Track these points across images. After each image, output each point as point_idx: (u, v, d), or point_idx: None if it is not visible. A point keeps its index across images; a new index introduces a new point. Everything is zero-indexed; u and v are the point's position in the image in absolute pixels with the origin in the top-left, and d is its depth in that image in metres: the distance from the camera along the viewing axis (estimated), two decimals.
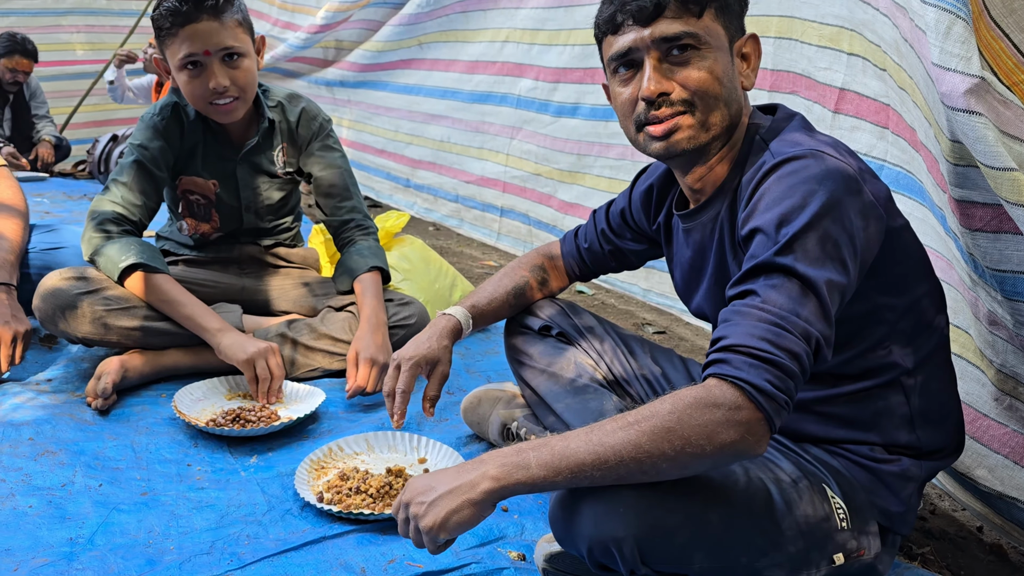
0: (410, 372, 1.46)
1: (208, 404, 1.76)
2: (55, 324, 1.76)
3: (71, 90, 6.04)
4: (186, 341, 1.86)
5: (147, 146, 1.92)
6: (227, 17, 1.80)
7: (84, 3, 6.19)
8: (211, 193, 2.03)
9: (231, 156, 2.02)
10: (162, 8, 1.78)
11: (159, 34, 1.82)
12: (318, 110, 2.11)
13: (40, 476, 1.45)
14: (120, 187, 1.89)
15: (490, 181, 3.72)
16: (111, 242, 1.84)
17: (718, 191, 1.25)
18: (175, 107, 1.95)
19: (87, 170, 5.19)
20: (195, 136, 1.98)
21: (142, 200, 1.91)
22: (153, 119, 1.94)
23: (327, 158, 2.08)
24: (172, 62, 1.83)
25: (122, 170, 1.91)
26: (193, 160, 2.00)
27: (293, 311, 2.11)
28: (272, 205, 2.12)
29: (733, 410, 0.95)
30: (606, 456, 0.97)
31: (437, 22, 3.88)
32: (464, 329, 1.54)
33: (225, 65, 1.82)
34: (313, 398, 1.80)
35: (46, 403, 1.73)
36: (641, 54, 1.18)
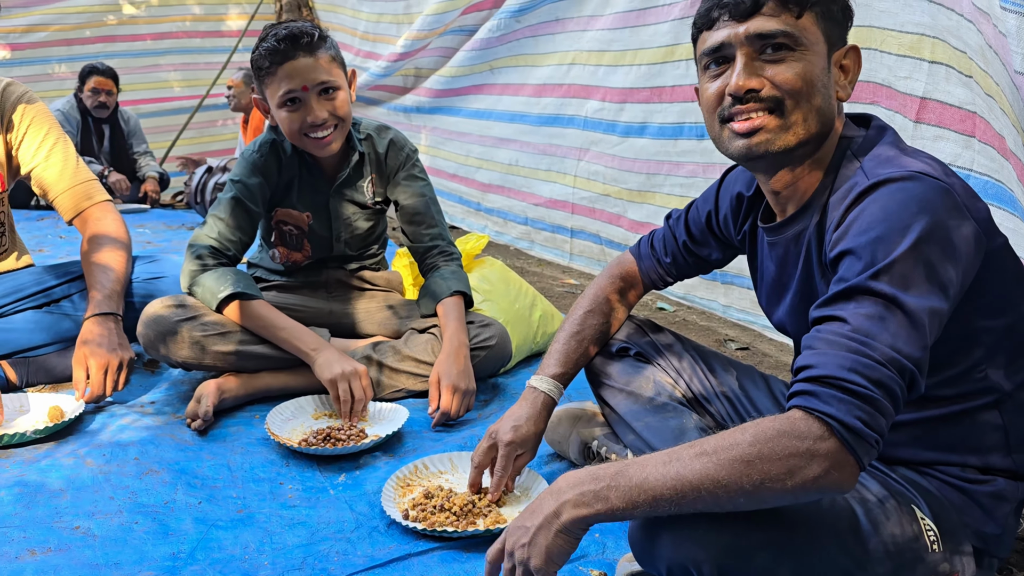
0: (508, 457, 1.45)
1: (297, 424, 1.82)
2: (157, 349, 1.86)
3: (169, 125, 6.39)
4: (277, 364, 1.94)
5: (245, 182, 2.01)
6: (321, 53, 1.88)
7: (180, 44, 6.55)
8: (304, 224, 2.12)
9: (324, 189, 2.11)
10: (261, 50, 1.88)
11: (258, 74, 1.92)
12: (405, 141, 2.18)
13: (145, 494, 1.53)
14: (217, 222, 1.99)
15: (559, 203, 3.76)
16: (207, 273, 1.93)
17: (805, 206, 1.21)
18: (273, 143, 2.04)
19: (184, 200, 5.50)
20: (291, 170, 2.07)
21: (237, 235, 1.99)
22: (252, 156, 2.03)
23: (413, 186, 2.14)
24: (272, 100, 1.92)
25: (220, 205, 2.00)
26: (289, 193, 2.09)
27: (378, 333, 2.17)
28: (361, 234, 2.21)
29: (818, 445, 0.91)
30: (683, 489, 0.95)
31: (507, 47, 3.95)
32: (556, 402, 1.53)
33: (322, 99, 1.90)
34: (398, 417, 1.85)
35: (150, 424, 1.82)
36: (733, 50, 1.14)
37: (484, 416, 1.97)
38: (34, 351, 1.97)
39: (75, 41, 6.28)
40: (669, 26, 2.94)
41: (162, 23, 6.50)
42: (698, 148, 2.89)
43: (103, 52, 6.26)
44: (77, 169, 2.08)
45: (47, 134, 2.03)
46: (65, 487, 1.53)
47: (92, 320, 1.89)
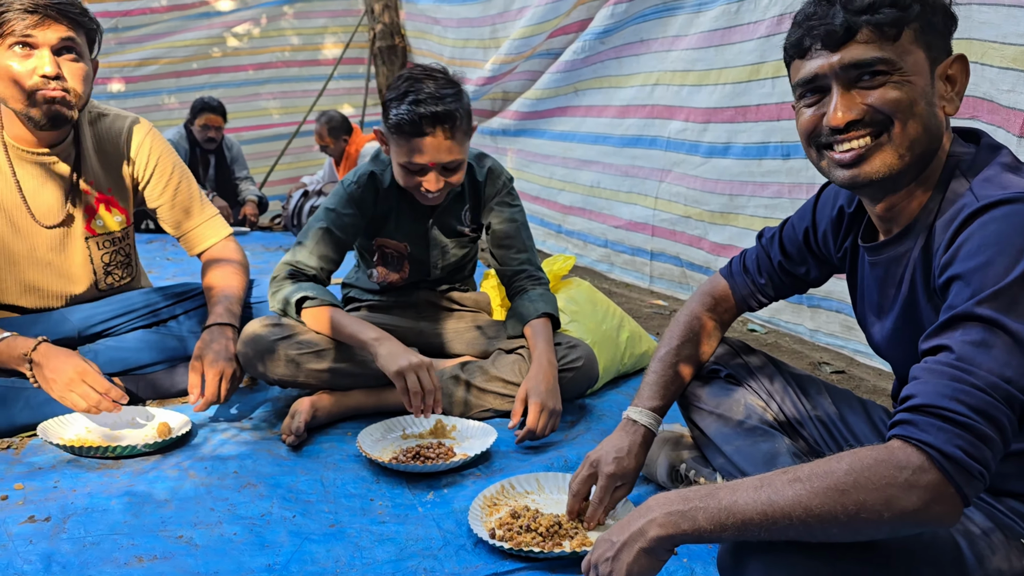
0: (608, 488, 1.44)
1: (387, 443, 1.87)
2: (255, 367, 1.93)
3: (268, 151, 6.70)
4: (368, 382, 1.99)
5: (339, 212, 2.06)
6: (458, 135, 1.92)
7: (279, 73, 6.86)
8: (404, 251, 2.18)
9: (423, 219, 2.16)
10: (403, 110, 1.87)
11: (390, 121, 1.91)
12: (502, 169, 2.22)
13: (243, 506, 1.59)
14: (302, 250, 2.04)
15: (639, 225, 3.74)
16: (285, 290, 1.99)
17: (911, 226, 1.16)
18: (372, 176, 2.08)
19: (282, 223, 5.75)
20: (388, 203, 2.12)
21: (320, 264, 2.04)
22: (350, 187, 2.07)
23: (505, 212, 2.18)
24: (396, 156, 1.94)
25: (308, 232, 2.06)
26: (386, 224, 2.14)
27: (466, 353, 2.20)
28: (456, 261, 2.27)
29: (917, 476, 0.88)
30: (774, 516, 0.93)
31: (592, 68, 3.98)
32: (655, 435, 1.51)
33: (443, 173, 1.95)
34: (486, 436, 1.87)
35: (248, 439, 1.89)
36: (828, 80, 1.11)
37: (571, 437, 1.98)
38: (143, 369, 2.08)
39: (183, 73, 6.64)
40: (755, 44, 2.91)
41: (262, 54, 6.81)
42: (783, 168, 2.84)
43: (208, 83, 6.60)
44: (202, 208, 2.19)
45: (172, 172, 2.14)
46: (170, 498, 1.60)
47: (210, 329, 2.00)
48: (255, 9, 6.82)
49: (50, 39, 1.78)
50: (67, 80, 1.81)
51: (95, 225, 2.06)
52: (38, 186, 1.98)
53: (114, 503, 1.57)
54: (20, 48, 1.77)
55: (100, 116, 2.08)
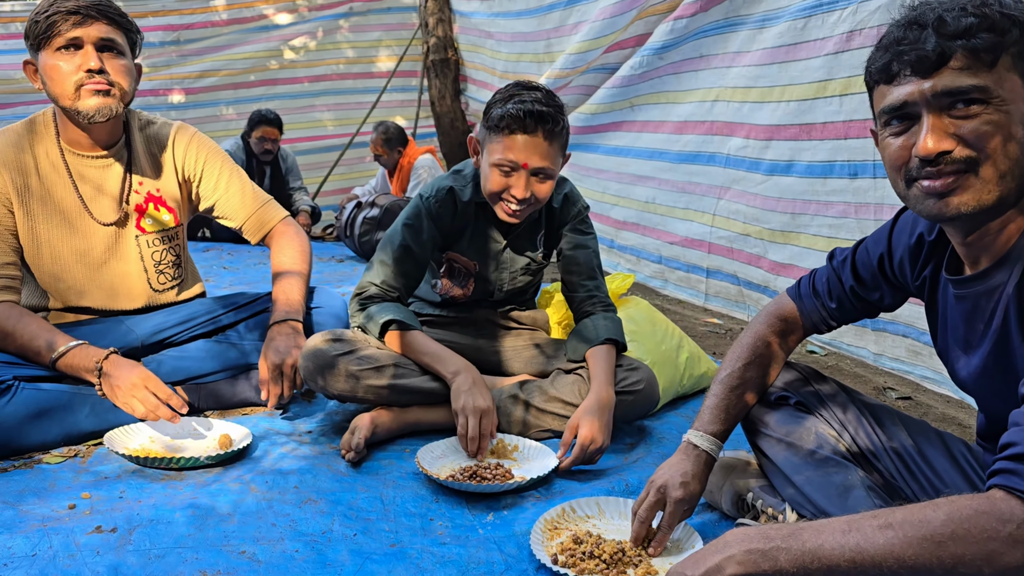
0: (676, 514, 1.42)
1: (447, 461, 1.85)
2: (316, 381, 1.94)
3: (322, 162, 6.82)
4: (427, 399, 1.98)
5: (416, 227, 2.05)
6: (556, 142, 1.91)
7: (334, 85, 6.99)
8: (472, 269, 2.17)
9: (498, 240, 2.15)
10: (505, 109, 1.88)
11: (488, 123, 1.93)
12: (579, 196, 2.21)
13: (304, 523, 1.58)
14: (383, 268, 2.05)
15: (695, 242, 3.69)
16: (372, 308, 2.02)
17: (1003, 259, 1.11)
18: (450, 191, 2.07)
19: (334, 233, 5.83)
20: (465, 219, 2.11)
21: (401, 281, 2.06)
22: (428, 201, 2.06)
23: (578, 238, 2.16)
24: (489, 155, 1.93)
25: (387, 249, 2.06)
26: (460, 240, 2.14)
27: (524, 372, 2.18)
28: (522, 287, 2.26)
29: (1022, 530, 0.84)
30: (863, 564, 0.89)
31: (649, 84, 3.95)
32: (716, 460, 1.49)
33: (533, 180, 1.93)
34: (546, 459, 1.85)
35: (307, 454, 1.89)
36: (918, 108, 1.06)
37: (630, 461, 1.94)
38: (204, 378, 2.10)
39: (241, 85, 6.79)
40: (822, 61, 2.85)
41: (318, 66, 6.93)
42: (849, 188, 2.78)
43: (265, 95, 6.74)
44: (255, 195, 2.26)
45: (221, 168, 2.19)
46: (232, 511, 1.60)
47: (273, 327, 2.07)
48: (312, 23, 6.94)
49: (93, 37, 1.88)
50: (110, 74, 1.90)
51: (145, 224, 2.12)
52: (94, 188, 2.05)
53: (178, 515, 1.57)
54: (66, 49, 1.87)
55: (148, 123, 2.17)
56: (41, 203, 1.98)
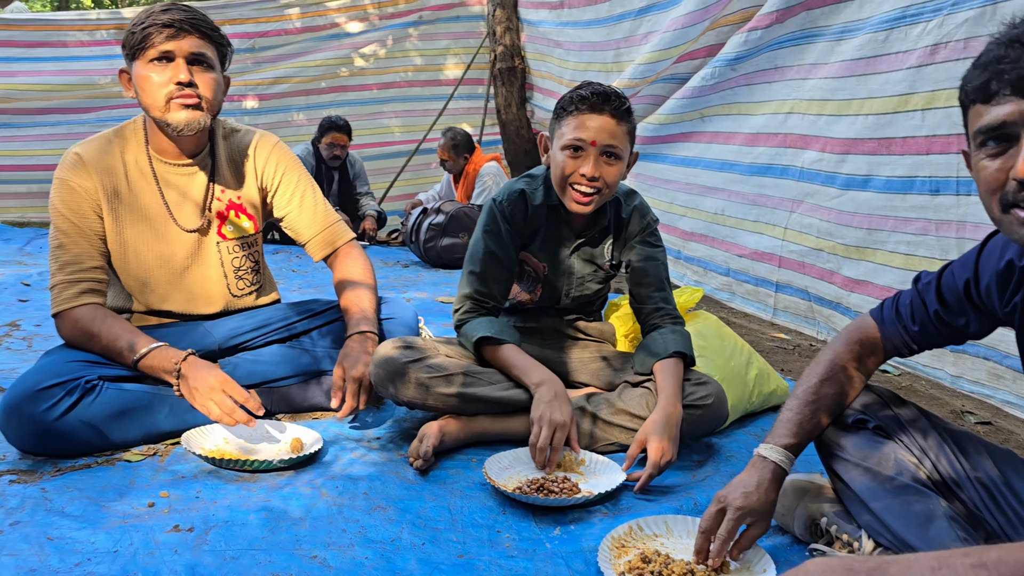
0: (735, 521, 1.39)
1: (514, 472, 1.85)
2: (386, 388, 1.96)
3: (389, 168, 6.94)
4: (495, 409, 1.99)
5: (495, 232, 2.09)
6: (623, 123, 1.95)
7: (402, 92, 7.11)
8: (541, 272, 2.18)
9: (567, 244, 2.16)
10: (573, 94, 1.96)
11: (559, 113, 2.00)
12: (648, 209, 2.21)
13: (374, 529, 1.60)
14: (472, 279, 2.09)
15: (765, 255, 3.62)
16: (466, 326, 2.06)
17: None
18: (521, 193, 2.11)
19: (400, 239, 5.90)
20: (537, 221, 2.13)
21: (494, 287, 2.09)
22: (501, 204, 2.10)
23: (648, 251, 2.16)
24: (558, 141, 1.99)
25: (472, 259, 2.10)
26: (533, 242, 2.16)
27: (591, 384, 2.17)
28: (589, 295, 2.26)
29: None
30: None
31: (720, 95, 3.90)
32: (787, 473, 1.45)
33: (602, 160, 1.96)
34: (612, 474, 1.83)
35: (376, 460, 1.91)
36: (1017, 129, 1.03)
37: (699, 479, 1.91)
38: (277, 382, 2.14)
39: (312, 92, 6.94)
40: (903, 75, 2.77)
41: (387, 74, 7.05)
42: (931, 204, 2.69)
43: (335, 101, 6.88)
44: (326, 214, 2.27)
45: (298, 182, 2.23)
46: (304, 516, 1.63)
47: (352, 337, 2.09)
48: (382, 31, 7.06)
49: (184, 50, 1.92)
50: (199, 88, 1.94)
51: (226, 231, 2.17)
52: (179, 195, 2.10)
53: (252, 518, 1.60)
54: (159, 61, 1.92)
55: (232, 131, 2.21)
56: (129, 208, 2.05)
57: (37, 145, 6.76)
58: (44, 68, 6.75)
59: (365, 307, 2.16)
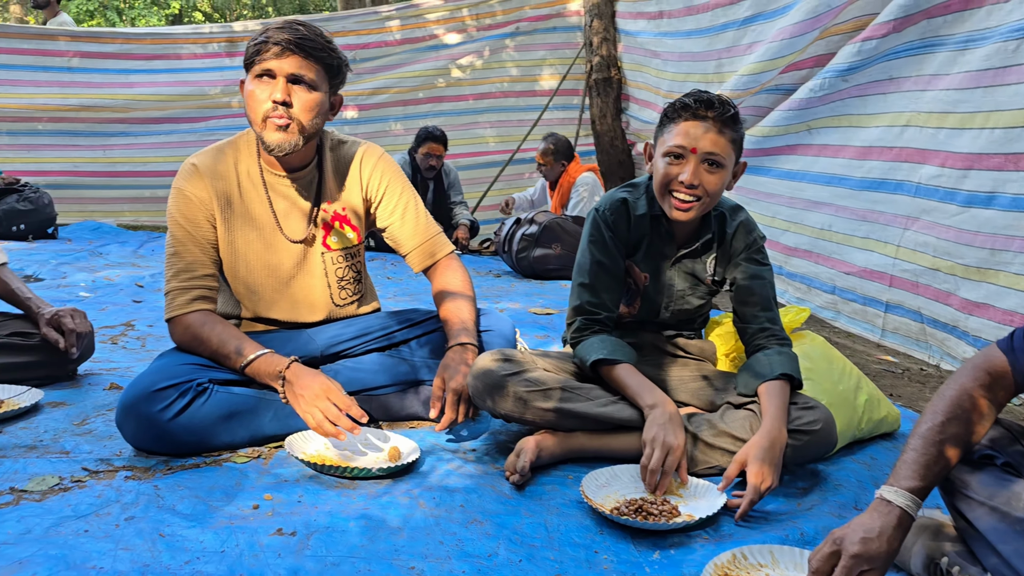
0: (850, 569, 1.30)
1: (611, 491, 1.81)
2: (484, 400, 1.96)
3: (482, 177, 7.01)
4: (593, 426, 1.96)
5: (599, 240, 2.08)
6: (727, 131, 1.93)
7: (497, 103, 7.18)
8: (641, 283, 2.15)
9: (669, 255, 2.13)
10: (677, 102, 1.96)
11: (663, 120, 2.00)
12: (754, 226, 2.15)
13: (470, 543, 1.59)
14: (582, 291, 2.08)
15: (875, 273, 3.47)
16: (581, 347, 2.05)
17: None
18: (623, 202, 2.10)
19: (492, 248, 5.94)
20: (640, 231, 2.11)
21: (605, 296, 2.08)
22: (603, 213, 2.09)
23: (754, 269, 2.10)
24: (660, 148, 2.00)
25: (580, 271, 2.09)
26: (636, 252, 2.14)
27: (690, 403, 2.12)
28: (689, 310, 2.20)
29: None
30: None
31: (830, 107, 3.77)
32: (913, 520, 1.36)
33: (703, 168, 1.94)
34: (713, 498, 1.77)
35: (472, 472, 1.91)
36: None
37: (804, 508, 1.83)
38: (376, 391, 2.16)
39: (410, 102, 7.08)
40: None
41: (483, 84, 7.13)
42: None
43: (431, 111, 7.00)
44: (427, 226, 2.28)
45: (401, 194, 2.24)
46: (402, 526, 1.63)
47: (453, 349, 2.09)
48: (479, 42, 7.14)
49: (285, 70, 1.95)
50: (294, 108, 1.96)
51: (331, 241, 2.20)
52: (287, 206, 2.14)
53: (352, 525, 1.62)
54: (262, 77, 1.97)
55: (339, 143, 2.24)
56: (240, 217, 2.11)
57: (151, 153, 7.11)
58: (159, 79, 7.10)
59: (465, 318, 2.16)
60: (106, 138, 7.07)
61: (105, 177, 7.07)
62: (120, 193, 7.11)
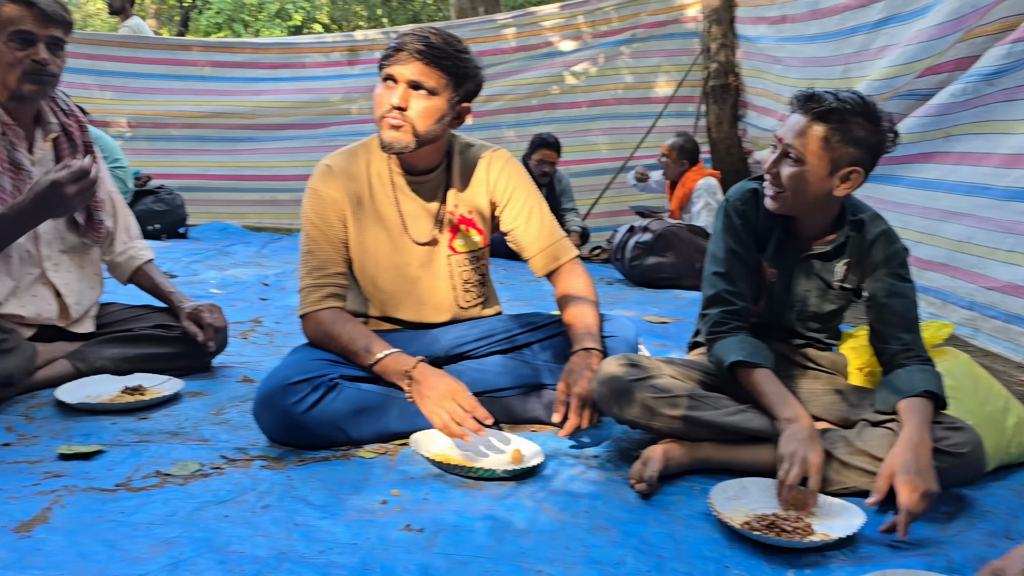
0: None
1: (740, 504, 1.75)
2: (609, 406, 1.93)
3: (594, 184, 6.99)
4: (720, 436, 1.90)
5: (731, 227, 2.05)
6: (820, 125, 1.87)
7: (611, 110, 7.14)
8: (768, 279, 2.08)
9: (796, 253, 2.06)
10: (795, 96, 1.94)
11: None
12: (897, 238, 2.06)
13: (597, 550, 1.56)
14: (718, 279, 2.04)
15: (1020, 289, 3.24)
16: (718, 345, 1.99)
17: None
18: (754, 192, 2.07)
19: (602, 255, 5.90)
20: (770, 223, 2.07)
21: (740, 286, 2.03)
22: (733, 203, 2.07)
23: (895, 286, 2.01)
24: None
25: (714, 261, 2.06)
26: (766, 245, 2.09)
27: (822, 418, 2.03)
28: (819, 314, 2.12)
29: None
30: None
31: (972, 112, 3.55)
32: None
33: (785, 160, 1.93)
34: (852, 518, 1.68)
35: (595, 479, 1.88)
36: None
37: (951, 534, 1.72)
38: (499, 392, 2.17)
39: (523, 109, 7.12)
40: None
41: (597, 91, 7.10)
42: None
43: (544, 119, 7.02)
44: (552, 230, 2.27)
45: (527, 197, 2.25)
46: (528, 528, 1.62)
47: (575, 354, 2.07)
48: (594, 49, 7.11)
49: (405, 76, 1.98)
50: (410, 112, 1.99)
51: (457, 244, 2.22)
52: (414, 208, 2.18)
53: (478, 525, 1.62)
54: (386, 81, 2.01)
55: (467, 146, 2.26)
56: (370, 217, 2.16)
57: (274, 157, 7.41)
58: (284, 87, 7.40)
59: (589, 323, 2.14)
60: (234, 143, 7.41)
61: (232, 180, 7.42)
62: (245, 196, 7.44)
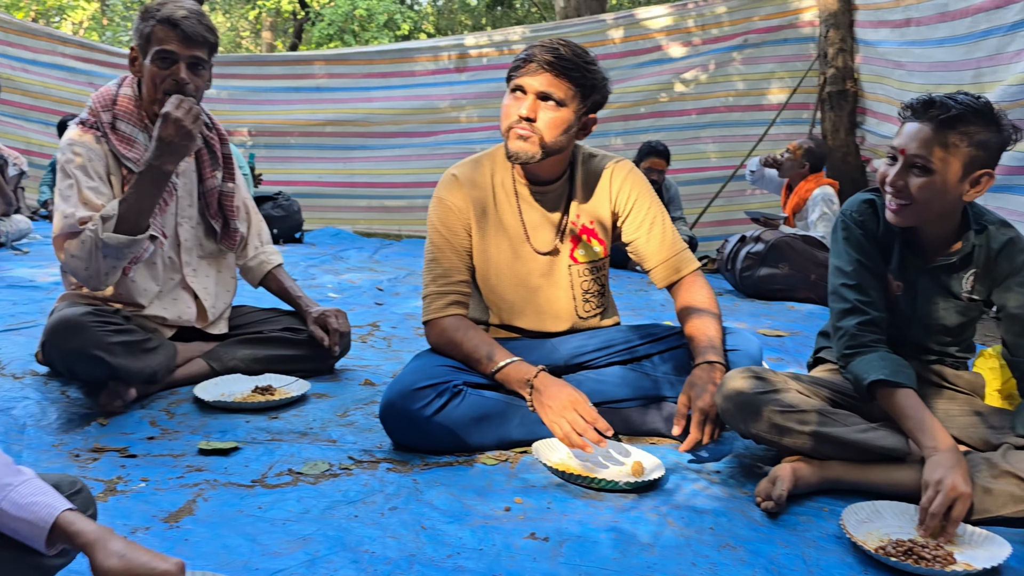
0: None
1: (873, 527, 1.69)
2: (734, 421, 1.90)
3: (702, 193, 6.90)
4: (850, 454, 1.85)
5: (852, 239, 2.00)
6: (944, 132, 1.79)
7: (721, 118, 7.04)
8: (893, 293, 2.02)
9: (919, 265, 1.99)
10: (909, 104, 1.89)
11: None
12: None
13: (724, 569, 1.53)
14: (849, 290, 1.97)
15: None
16: (855, 362, 1.92)
17: None
18: (871, 203, 2.02)
19: (711, 266, 5.80)
20: (890, 236, 2.01)
21: (873, 295, 1.97)
22: (851, 215, 2.02)
23: None
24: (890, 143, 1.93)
25: (842, 272, 2.00)
26: (888, 257, 2.03)
27: (960, 440, 1.93)
28: (947, 326, 2.03)
29: None
30: None
31: None
32: None
33: (911, 172, 1.84)
34: (996, 548, 1.59)
35: (719, 495, 1.85)
36: None
37: None
38: (618, 403, 2.16)
39: (631, 117, 7.09)
40: None
41: (707, 99, 7.00)
42: None
43: (652, 127, 6.96)
44: (674, 241, 2.25)
45: (648, 209, 2.23)
46: (652, 542, 1.61)
47: (697, 367, 2.05)
48: (705, 55, 7.01)
49: (534, 87, 2.00)
50: (538, 123, 2.00)
51: (577, 254, 2.22)
52: (537, 217, 2.20)
53: (602, 536, 1.62)
54: (514, 92, 2.03)
55: (590, 156, 2.26)
56: (493, 226, 2.19)
57: (384, 165, 7.62)
58: (395, 95, 7.60)
59: (712, 336, 2.11)
60: (347, 151, 7.67)
61: (345, 187, 7.67)
62: (357, 202, 7.68)
